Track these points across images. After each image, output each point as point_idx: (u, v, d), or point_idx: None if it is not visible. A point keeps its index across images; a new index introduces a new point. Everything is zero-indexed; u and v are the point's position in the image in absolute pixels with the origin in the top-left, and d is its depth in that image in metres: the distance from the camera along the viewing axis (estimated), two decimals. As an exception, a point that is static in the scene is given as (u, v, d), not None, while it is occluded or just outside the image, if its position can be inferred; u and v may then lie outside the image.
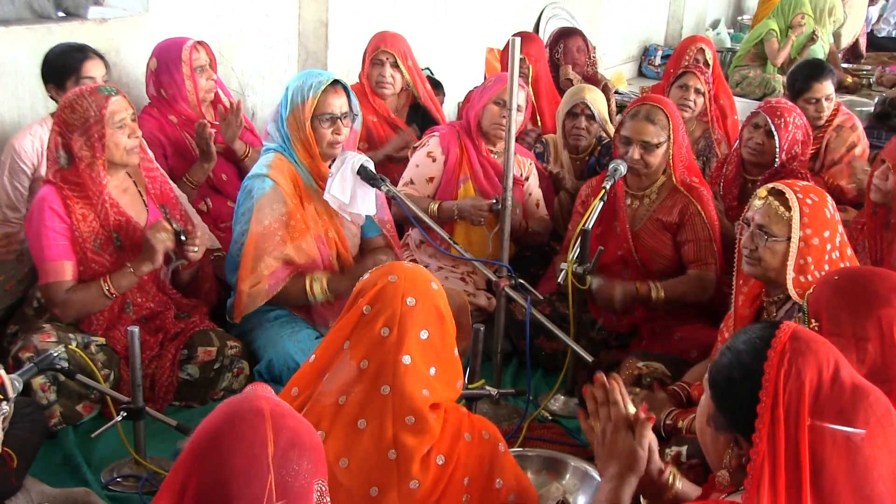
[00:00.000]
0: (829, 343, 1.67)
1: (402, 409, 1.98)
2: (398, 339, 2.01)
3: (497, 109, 3.94)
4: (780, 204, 2.65)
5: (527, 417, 3.13)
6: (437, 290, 2.11)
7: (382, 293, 2.06)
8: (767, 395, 1.59)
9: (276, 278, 3.40)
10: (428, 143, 4.08)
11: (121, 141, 3.12)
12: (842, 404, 1.58)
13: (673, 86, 4.85)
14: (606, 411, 1.98)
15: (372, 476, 1.98)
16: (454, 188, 4.01)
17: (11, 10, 3.89)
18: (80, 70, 3.55)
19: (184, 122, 3.99)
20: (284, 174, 3.41)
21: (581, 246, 3.23)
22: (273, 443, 1.40)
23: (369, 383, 2.00)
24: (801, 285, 2.59)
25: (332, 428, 2.00)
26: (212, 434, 1.42)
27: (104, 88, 3.14)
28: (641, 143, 3.54)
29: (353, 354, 2.03)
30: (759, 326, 1.73)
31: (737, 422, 1.65)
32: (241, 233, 3.40)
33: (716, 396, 1.70)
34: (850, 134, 4.73)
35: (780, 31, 8.13)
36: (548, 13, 8.03)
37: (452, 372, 2.10)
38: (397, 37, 4.72)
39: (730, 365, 1.68)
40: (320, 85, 3.37)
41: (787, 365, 1.60)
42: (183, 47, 3.89)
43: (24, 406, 2.69)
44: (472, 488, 2.05)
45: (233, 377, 3.35)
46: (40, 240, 3.09)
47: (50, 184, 3.13)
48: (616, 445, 1.95)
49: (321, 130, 3.40)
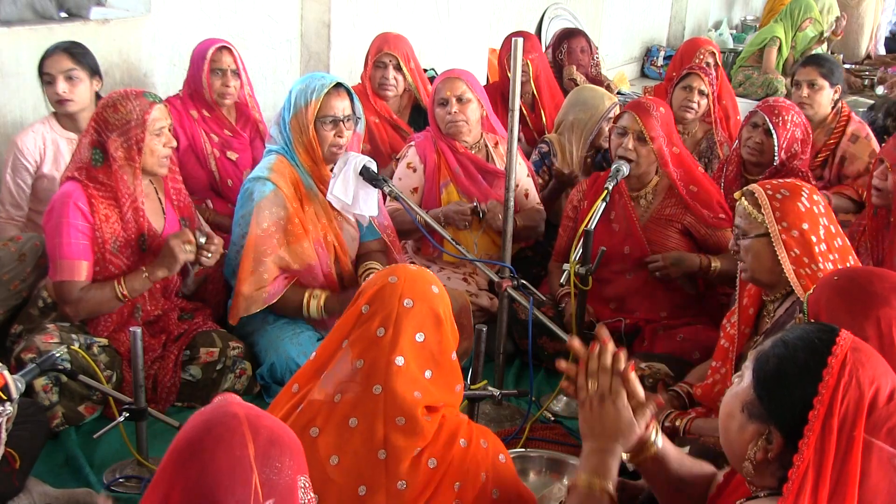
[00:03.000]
0: (884, 361, 1.65)
1: (394, 409, 1.98)
2: (392, 339, 2.01)
3: (441, 111, 3.98)
4: (750, 203, 2.69)
5: (529, 418, 3.13)
6: (437, 294, 2.09)
7: (381, 293, 2.06)
8: (823, 403, 1.56)
9: (275, 287, 3.41)
10: (407, 153, 4.09)
11: (157, 148, 3.16)
12: (893, 423, 1.57)
13: (676, 87, 4.84)
14: (606, 378, 1.92)
15: (361, 475, 1.98)
16: (437, 195, 4.01)
17: (14, 10, 3.91)
18: (42, 67, 3.62)
19: (202, 119, 4.09)
20: (285, 177, 3.42)
21: (583, 246, 3.24)
22: (252, 442, 1.40)
23: (363, 382, 2.00)
24: (802, 278, 2.58)
25: (326, 425, 2.00)
26: (189, 442, 1.41)
27: (149, 94, 3.19)
28: (637, 133, 3.59)
29: (351, 353, 2.04)
30: (816, 326, 1.70)
31: (778, 416, 1.62)
32: (240, 235, 3.40)
33: (760, 386, 1.65)
34: (867, 142, 4.66)
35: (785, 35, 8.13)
36: (550, 14, 8.03)
37: (450, 376, 2.09)
38: (400, 38, 4.73)
39: (783, 358, 1.64)
40: (323, 88, 3.38)
41: (848, 377, 1.57)
42: (210, 47, 4.03)
43: (27, 407, 2.69)
44: (463, 494, 2.03)
45: (235, 378, 3.35)
46: (60, 235, 3.09)
47: (75, 181, 3.13)
48: (606, 417, 1.89)
49: (323, 133, 3.41)
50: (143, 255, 3.23)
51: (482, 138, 4.11)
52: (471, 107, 3.97)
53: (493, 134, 4.16)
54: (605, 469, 1.88)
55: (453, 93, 3.94)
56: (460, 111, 3.94)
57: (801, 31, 8.27)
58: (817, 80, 4.68)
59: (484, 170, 4.04)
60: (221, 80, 4.06)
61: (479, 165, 4.03)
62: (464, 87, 3.95)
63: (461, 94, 3.94)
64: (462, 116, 3.95)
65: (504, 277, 3.19)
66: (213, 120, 4.14)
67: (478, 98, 4.01)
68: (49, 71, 3.59)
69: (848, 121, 4.74)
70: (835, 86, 4.73)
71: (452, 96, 3.94)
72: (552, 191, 4.42)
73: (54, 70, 3.58)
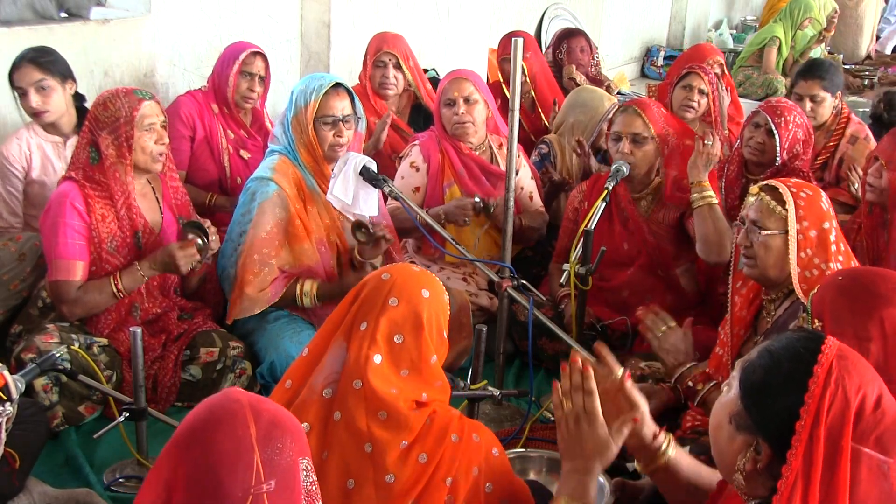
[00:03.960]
0: (871, 367, 1.64)
1: (375, 403, 1.99)
2: (371, 335, 2.02)
3: (447, 112, 3.97)
4: (773, 199, 2.65)
5: (529, 418, 3.13)
6: (426, 299, 2.07)
7: (371, 289, 2.07)
8: (809, 413, 1.54)
9: (276, 287, 3.41)
10: (410, 152, 4.09)
11: (147, 145, 3.15)
12: (881, 431, 1.55)
13: (676, 86, 4.83)
14: (579, 398, 1.92)
15: (349, 469, 1.99)
16: (440, 194, 4.01)
17: (13, 10, 3.90)
18: (12, 80, 3.57)
19: (222, 114, 4.15)
20: (288, 177, 3.42)
21: (583, 247, 3.24)
22: (254, 423, 1.41)
23: (346, 377, 2.01)
24: (805, 281, 2.58)
25: (316, 421, 2.01)
26: (192, 426, 1.44)
27: (140, 91, 3.19)
28: (631, 136, 3.58)
29: (338, 346, 2.05)
30: (801, 334, 1.68)
31: (764, 427, 1.60)
32: (238, 233, 3.40)
33: (747, 397, 1.63)
34: (866, 144, 4.65)
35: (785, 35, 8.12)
36: (550, 14, 8.03)
37: (429, 376, 2.08)
38: (398, 37, 4.73)
39: (768, 368, 1.62)
40: (322, 88, 3.39)
41: (834, 385, 1.55)
42: (244, 49, 4.10)
43: (27, 407, 2.69)
44: (455, 489, 2.03)
45: (235, 378, 3.35)
46: (56, 235, 3.10)
47: (72, 181, 3.14)
48: (582, 437, 1.90)
49: (323, 133, 3.41)
50: (140, 253, 3.23)
51: (486, 139, 4.11)
52: (478, 108, 3.96)
53: (498, 135, 4.16)
54: (582, 491, 1.88)
55: (461, 93, 3.93)
56: (467, 112, 3.94)
57: (800, 30, 8.27)
58: (819, 94, 4.63)
59: (487, 171, 4.03)
60: (249, 83, 4.11)
61: (482, 167, 4.03)
62: (471, 87, 3.95)
63: (468, 94, 3.94)
64: (469, 118, 3.94)
65: (504, 277, 3.19)
66: (231, 118, 4.18)
67: (484, 99, 4.01)
68: (20, 84, 3.55)
69: (848, 122, 4.73)
70: (836, 93, 4.69)
71: (460, 97, 3.93)
72: (547, 194, 4.42)
73: (24, 83, 3.53)
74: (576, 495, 1.88)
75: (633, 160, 3.60)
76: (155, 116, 3.16)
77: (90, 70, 4.04)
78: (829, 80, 4.65)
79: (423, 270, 2.17)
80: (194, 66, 4.55)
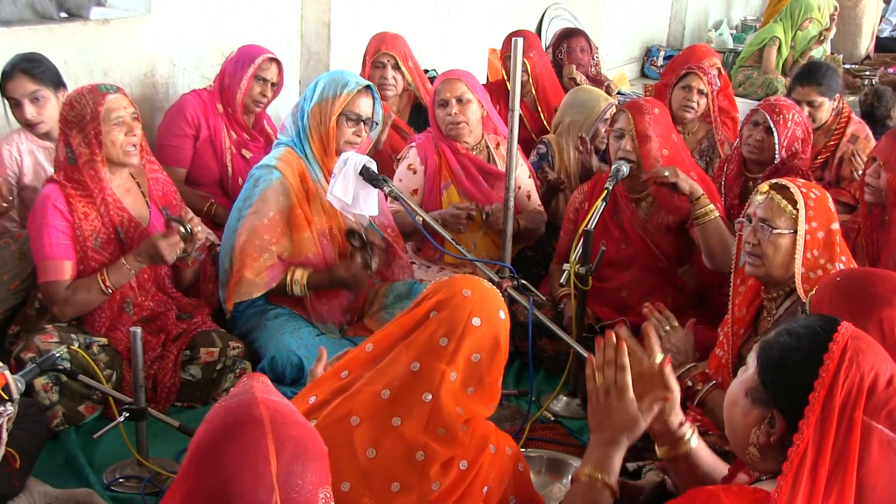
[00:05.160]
0: (884, 350, 1.69)
1: (438, 419, 2.00)
2: (453, 352, 2.02)
3: (441, 112, 3.97)
4: (784, 198, 2.65)
5: (529, 418, 3.13)
6: (502, 320, 2.11)
7: (452, 303, 2.06)
8: (823, 385, 1.59)
9: (273, 273, 3.43)
10: (407, 154, 4.09)
11: (117, 138, 3.13)
12: (892, 407, 1.60)
13: (675, 87, 4.83)
14: (611, 372, 1.98)
15: (396, 472, 1.99)
16: (437, 196, 4.01)
17: (13, 10, 3.90)
18: (5, 90, 3.54)
19: (226, 114, 4.16)
20: (292, 168, 3.46)
21: (583, 247, 3.23)
22: (276, 458, 1.38)
23: (415, 386, 2.01)
24: (808, 281, 2.58)
25: (368, 417, 2.00)
26: (212, 446, 1.40)
27: (103, 86, 3.17)
28: (633, 134, 3.57)
29: (408, 353, 2.04)
30: (819, 317, 1.75)
31: (780, 399, 1.66)
32: (238, 218, 3.42)
33: (764, 371, 1.69)
34: (867, 143, 4.64)
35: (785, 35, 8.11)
36: (550, 14, 8.04)
37: (489, 397, 2.11)
38: (397, 37, 4.73)
39: (786, 345, 1.68)
40: (357, 85, 3.46)
41: (848, 362, 1.60)
42: (260, 53, 4.12)
43: (27, 407, 2.69)
44: (489, 499, 2.06)
45: (235, 378, 3.34)
46: (42, 237, 3.10)
47: (54, 182, 3.15)
48: (611, 410, 1.95)
49: (343, 128, 3.46)
50: (124, 248, 3.22)
51: (483, 139, 4.11)
52: (471, 107, 3.97)
53: (495, 134, 4.15)
54: (607, 462, 1.92)
55: (453, 94, 3.94)
56: (460, 112, 3.94)
57: (801, 30, 8.27)
58: (816, 99, 4.58)
59: (485, 171, 4.04)
60: (262, 88, 4.12)
61: (480, 167, 4.03)
62: (463, 87, 3.95)
63: (461, 94, 3.94)
64: (462, 118, 3.95)
65: (504, 277, 3.19)
66: (234, 119, 4.18)
67: (478, 98, 4.01)
68: (13, 95, 3.52)
69: (848, 121, 4.72)
70: (833, 97, 4.64)
71: (452, 97, 3.94)
72: (545, 194, 4.42)
73: (18, 94, 3.51)
74: (600, 465, 1.92)
75: (635, 159, 3.59)
76: (122, 109, 3.13)
77: (90, 70, 4.04)
78: (826, 84, 4.59)
79: (493, 288, 2.17)
80: (194, 66, 4.55)
